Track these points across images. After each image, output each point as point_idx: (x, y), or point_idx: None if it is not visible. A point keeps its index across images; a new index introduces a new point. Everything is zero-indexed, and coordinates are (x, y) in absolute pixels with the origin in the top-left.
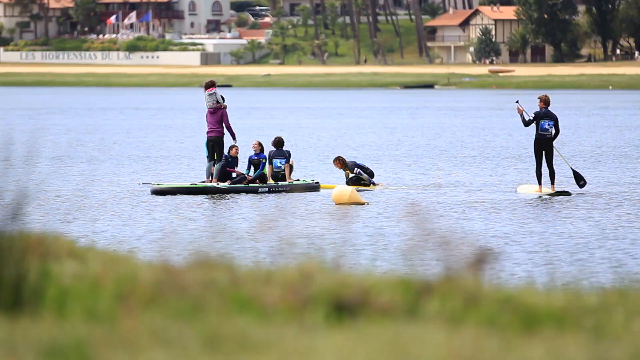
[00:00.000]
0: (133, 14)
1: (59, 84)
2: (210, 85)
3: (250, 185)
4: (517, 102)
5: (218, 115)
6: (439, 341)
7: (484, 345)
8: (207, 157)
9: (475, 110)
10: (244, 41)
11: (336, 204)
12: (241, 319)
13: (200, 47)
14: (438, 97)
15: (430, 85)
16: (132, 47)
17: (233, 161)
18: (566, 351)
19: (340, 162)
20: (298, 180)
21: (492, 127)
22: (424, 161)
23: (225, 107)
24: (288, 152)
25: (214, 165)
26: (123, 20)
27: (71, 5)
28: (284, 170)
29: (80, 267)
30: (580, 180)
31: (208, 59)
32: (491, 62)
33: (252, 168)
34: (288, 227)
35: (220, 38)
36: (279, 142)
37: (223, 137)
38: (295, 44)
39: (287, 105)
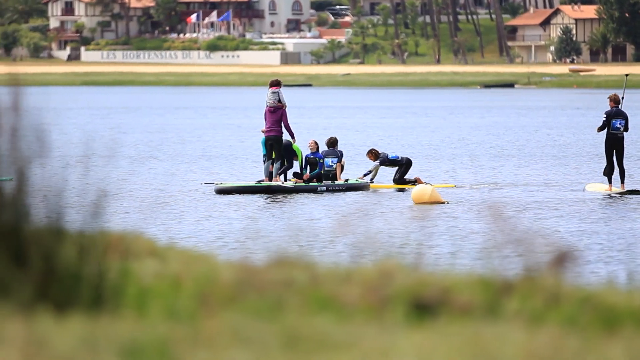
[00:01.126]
0: (214, 13)
1: (139, 84)
2: (275, 84)
3: (310, 184)
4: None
5: (278, 114)
6: (519, 341)
7: (564, 344)
8: (264, 156)
9: (553, 109)
10: (324, 40)
11: (416, 204)
12: (320, 318)
13: (280, 46)
14: (518, 96)
15: (510, 85)
16: (213, 47)
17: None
18: None
19: (373, 154)
20: (347, 180)
21: (567, 126)
22: (490, 160)
23: (285, 107)
24: (340, 152)
25: (272, 164)
26: (203, 19)
27: (152, 4)
28: (335, 170)
29: (161, 266)
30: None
31: (288, 58)
32: (572, 62)
33: (308, 167)
34: (368, 226)
35: (301, 37)
36: (332, 142)
37: (282, 136)
38: (375, 43)
39: (361, 105)
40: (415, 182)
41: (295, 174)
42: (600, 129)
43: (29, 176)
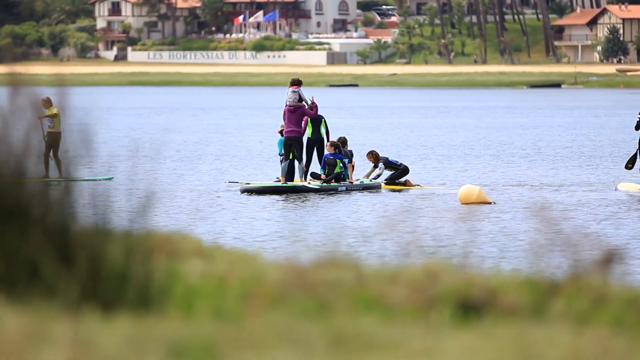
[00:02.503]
0: (260, 14)
1: (185, 84)
2: (296, 82)
3: (331, 184)
4: None
5: (298, 114)
6: (565, 341)
7: (611, 345)
8: (282, 155)
9: (598, 109)
10: (370, 40)
11: (462, 204)
12: (366, 318)
13: (326, 46)
14: (564, 96)
15: (557, 85)
16: (259, 47)
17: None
18: None
19: (373, 156)
20: (358, 180)
21: (609, 126)
22: (531, 161)
23: (307, 106)
24: (351, 152)
25: (290, 164)
26: (250, 19)
27: (199, 4)
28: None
29: (207, 266)
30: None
31: (334, 58)
32: (619, 61)
33: (326, 168)
34: (414, 226)
35: (347, 37)
36: (343, 142)
37: (302, 136)
38: (421, 43)
39: (401, 104)
40: (405, 183)
41: (313, 175)
42: (637, 127)
43: (76, 176)
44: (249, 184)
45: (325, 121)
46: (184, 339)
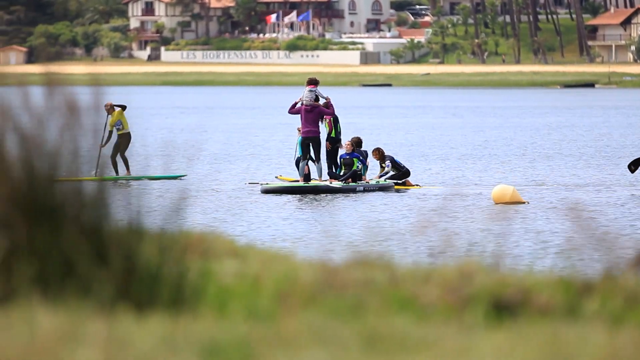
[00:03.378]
0: (293, 13)
1: (219, 84)
2: (313, 82)
3: (350, 184)
4: None
5: (315, 113)
6: (599, 341)
7: None
8: (300, 156)
9: (631, 109)
10: (403, 40)
11: (496, 204)
12: (400, 318)
13: (360, 46)
14: (598, 96)
15: (590, 84)
16: (292, 47)
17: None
18: None
19: (378, 153)
20: (372, 180)
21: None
22: (563, 160)
23: (328, 101)
24: (365, 152)
25: (307, 164)
26: (283, 19)
27: (232, 4)
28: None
29: (241, 265)
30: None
31: (368, 58)
32: None
33: (343, 167)
34: (447, 226)
35: (380, 37)
36: (357, 143)
37: (319, 136)
38: (455, 43)
39: (431, 104)
40: (405, 183)
41: (330, 174)
42: None
43: (109, 175)
44: (268, 184)
45: (338, 121)
46: (217, 338)
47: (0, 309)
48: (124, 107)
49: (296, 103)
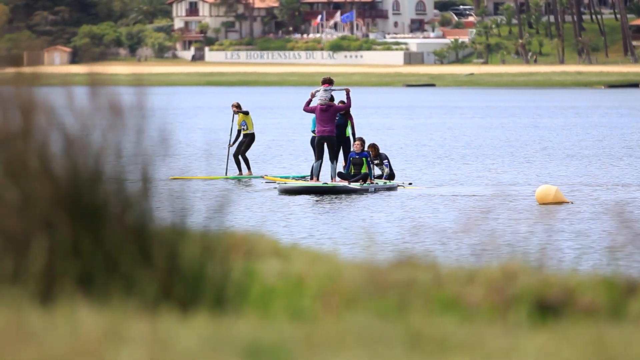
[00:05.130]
0: (337, 14)
1: (262, 84)
2: (327, 81)
3: (363, 185)
4: None
5: (330, 113)
6: None
7: None
8: (315, 156)
9: None
10: (447, 40)
11: (540, 204)
12: (444, 318)
13: (403, 46)
14: None
15: (635, 84)
16: (336, 47)
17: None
18: None
19: (374, 149)
20: (381, 181)
21: None
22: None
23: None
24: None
25: (321, 164)
26: (327, 20)
27: (276, 5)
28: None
29: (284, 265)
30: None
31: (411, 58)
32: None
33: (352, 167)
34: (491, 226)
35: (424, 37)
36: (363, 144)
37: (334, 136)
38: (498, 43)
39: (474, 105)
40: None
41: (340, 174)
42: None
43: (153, 176)
44: (285, 183)
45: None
46: (260, 339)
47: (43, 309)
48: (246, 113)
49: (310, 100)
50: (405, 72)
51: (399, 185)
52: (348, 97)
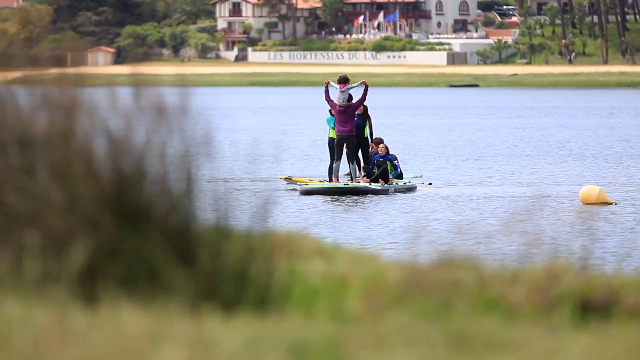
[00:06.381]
0: (380, 14)
1: (306, 84)
2: (343, 81)
3: (384, 185)
4: None
5: (349, 113)
6: None
7: None
8: (334, 156)
9: None
10: (490, 41)
11: (583, 204)
12: (487, 319)
13: (447, 46)
14: None
15: None
16: (379, 47)
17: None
18: None
19: (384, 147)
20: (400, 181)
21: None
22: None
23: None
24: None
25: (340, 165)
26: (370, 20)
27: (319, 5)
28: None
29: (327, 266)
30: None
31: (454, 58)
32: None
33: (376, 169)
34: (534, 227)
35: (467, 38)
36: (377, 143)
37: (354, 136)
38: (542, 43)
39: (518, 105)
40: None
41: (365, 169)
42: None
43: (197, 177)
44: (306, 184)
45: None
46: (304, 339)
47: (87, 309)
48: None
49: (327, 89)
50: (448, 72)
51: (418, 185)
52: (365, 91)
